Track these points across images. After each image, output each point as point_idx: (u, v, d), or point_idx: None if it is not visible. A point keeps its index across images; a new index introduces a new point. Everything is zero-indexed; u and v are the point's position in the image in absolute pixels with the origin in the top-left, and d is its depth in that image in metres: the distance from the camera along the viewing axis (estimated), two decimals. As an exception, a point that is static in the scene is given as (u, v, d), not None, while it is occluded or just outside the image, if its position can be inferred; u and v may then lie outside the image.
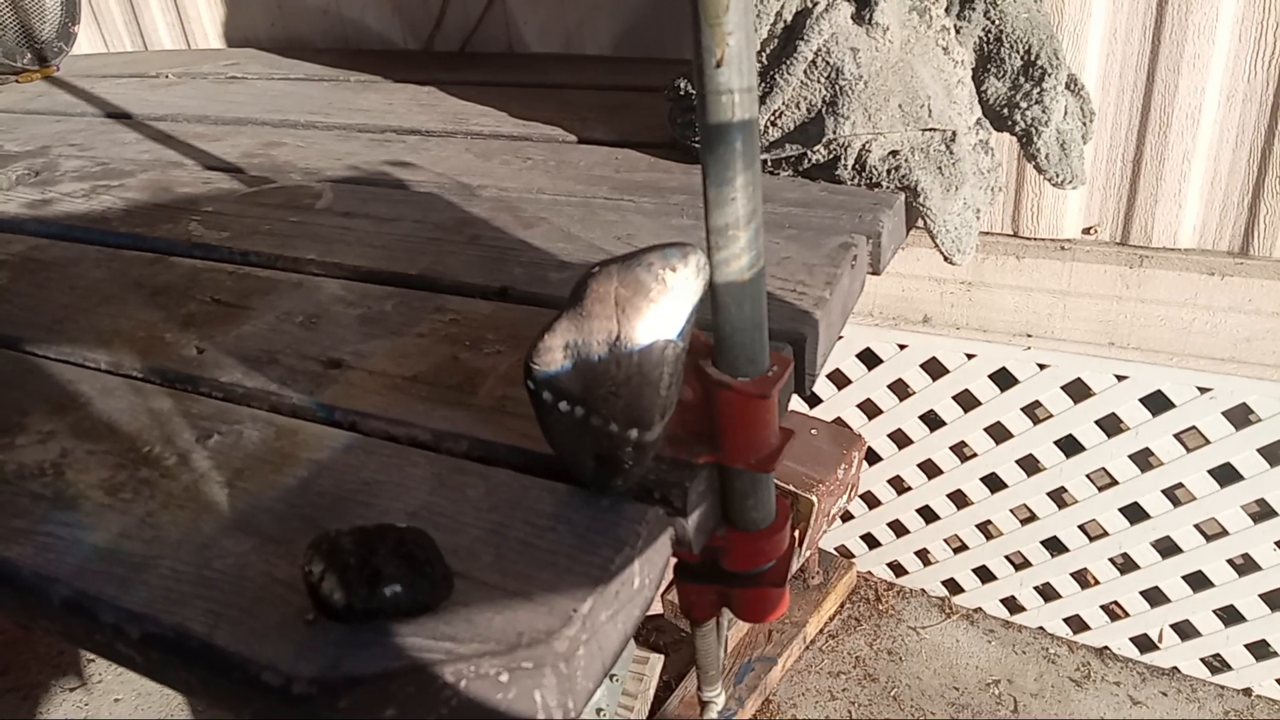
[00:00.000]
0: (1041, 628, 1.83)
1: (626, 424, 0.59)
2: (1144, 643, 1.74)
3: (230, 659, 0.52)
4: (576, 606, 0.53)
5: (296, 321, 0.91)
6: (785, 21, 1.10)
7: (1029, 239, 1.59)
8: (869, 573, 1.99)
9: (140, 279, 1.04)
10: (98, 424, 0.76)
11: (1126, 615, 1.74)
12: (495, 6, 2.12)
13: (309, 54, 2.30)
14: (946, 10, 1.15)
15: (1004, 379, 1.66)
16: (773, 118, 1.12)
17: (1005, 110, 1.16)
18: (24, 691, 1.94)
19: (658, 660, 1.71)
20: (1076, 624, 1.79)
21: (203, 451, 0.71)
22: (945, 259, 1.14)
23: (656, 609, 1.72)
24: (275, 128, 1.65)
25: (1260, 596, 1.58)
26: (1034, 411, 1.66)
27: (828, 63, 1.07)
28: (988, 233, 1.62)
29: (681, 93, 1.24)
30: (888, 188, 1.10)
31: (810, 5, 1.09)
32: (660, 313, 0.57)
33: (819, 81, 1.08)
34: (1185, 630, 1.69)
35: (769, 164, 1.17)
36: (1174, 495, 1.60)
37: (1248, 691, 1.66)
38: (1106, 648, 1.78)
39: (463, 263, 1.02)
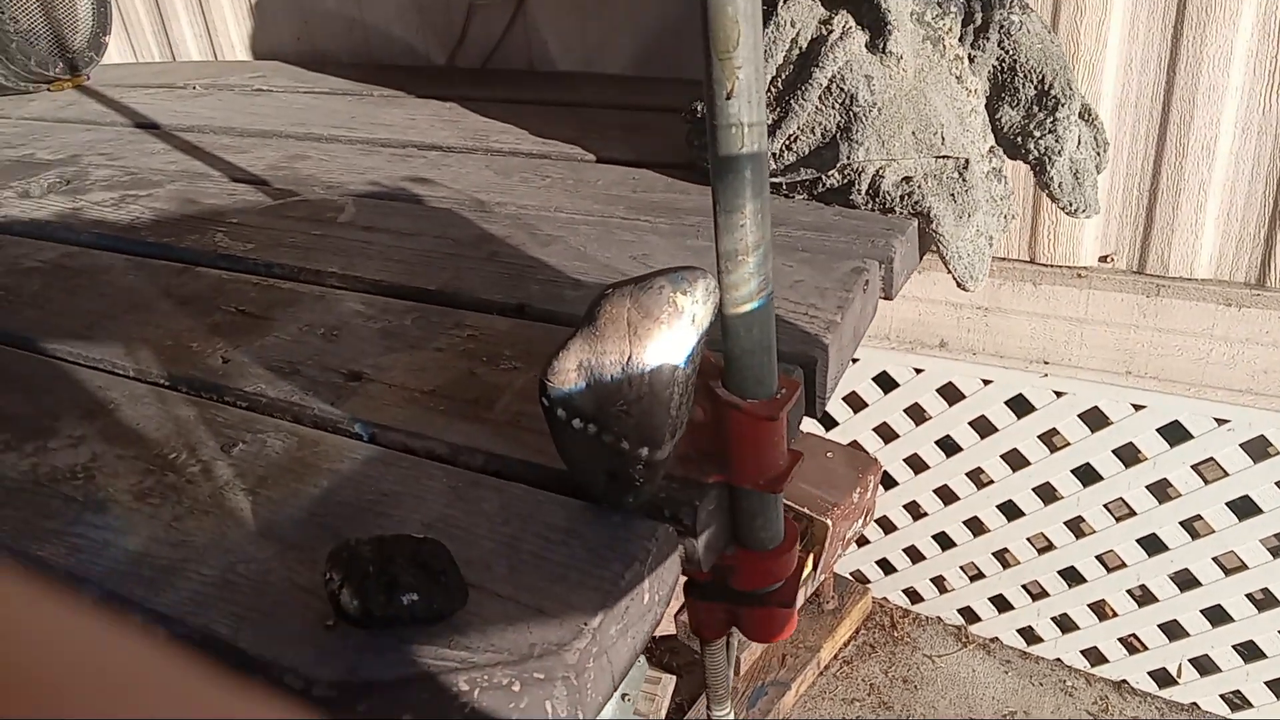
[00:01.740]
0: (1059, 659, 1.81)
1: (637, 442, 0.60)
2: (1163, 677, 1.72)
3: (254, 662, 0.53)
4: (587, 620, 0.54)
5: (318, 333, 0.93)
6: (800, 48, 1.13)
7: (1046, 265, 1.60)
8: (884, 599, 1.97)
9: (168, 288, 1.07)
10: (126, 430, 0.78)
11: (1145, 649, 1.71)
12: (517, 24, 2.15)
13: (333, 68, 2.34)
14: (960, 40, 1.17)
15: (1020, 406, 1.66)
16: (788, 142, 1.14)
17: (1019, 139, 1.18)
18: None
19: (670, 681, 1.71)
20: (1094, 656, 1.77)
21: (227, 459, 0.73)
22: (958, 285, 1.15)
23: (670, 630, 1.72)
24: (299, 141, 1.69)
25: (1280, 633, 1.57)
26: (1051, 439, 1.66)
27: (842, 89, 1.09)
28: (1005, 258, 1.62)
29: (699, 115, 1.26)
30: (901, 213, 1.12)
31: (825, 33, 1.11)
32: (670, 336, 0.59)
33: (833, 107, 1.10)
34: (1204, 665, 1.67)
35: (784, 187, 1.19)
36: (1192, 528, 1.59)
37: (1264, 727, 1.65)
38: (1125, 681, 1.76)
39: (481, 279, 1.04)
